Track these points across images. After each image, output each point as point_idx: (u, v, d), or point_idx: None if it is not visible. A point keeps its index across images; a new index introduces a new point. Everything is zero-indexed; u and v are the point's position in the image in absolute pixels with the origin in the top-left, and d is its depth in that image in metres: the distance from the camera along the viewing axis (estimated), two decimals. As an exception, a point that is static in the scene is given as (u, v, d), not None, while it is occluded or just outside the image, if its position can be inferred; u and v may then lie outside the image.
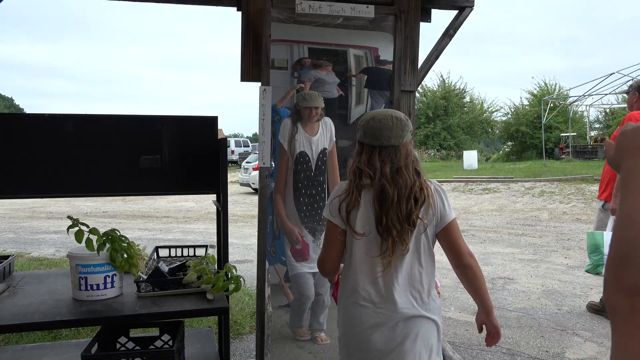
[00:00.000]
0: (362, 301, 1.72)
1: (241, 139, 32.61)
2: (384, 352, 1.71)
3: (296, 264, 2.86)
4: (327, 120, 2.87)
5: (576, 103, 26.24)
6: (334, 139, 2.87)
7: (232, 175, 19.20)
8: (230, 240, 2.50)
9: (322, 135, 2.85)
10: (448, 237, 1.76)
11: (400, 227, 1.65)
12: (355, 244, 1.73)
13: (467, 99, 33.41)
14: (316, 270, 2.66)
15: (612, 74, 21.43)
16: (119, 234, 2.07)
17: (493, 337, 1.84)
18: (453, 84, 32.77)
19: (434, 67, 2.89)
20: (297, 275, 2.89)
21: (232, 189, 16.06)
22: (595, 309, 4.43)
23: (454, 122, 31.16)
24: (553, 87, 31.12)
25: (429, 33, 2.90)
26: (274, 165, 2.72)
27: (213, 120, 2.39)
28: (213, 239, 2.80)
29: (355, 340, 1.74)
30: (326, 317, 2.91)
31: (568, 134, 25.79)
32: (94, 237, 2.00)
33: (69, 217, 2.02)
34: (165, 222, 10.26)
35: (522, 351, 3.69)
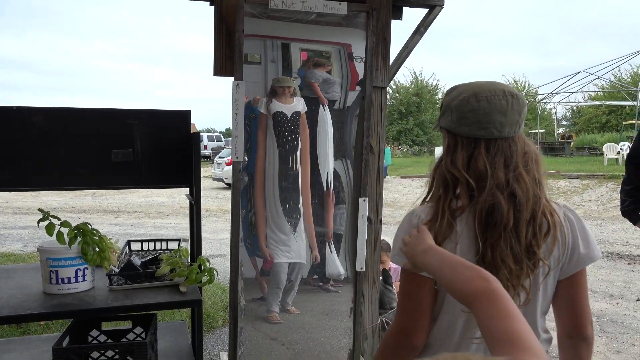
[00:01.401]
0: None
1: (214, 134, 32.33)
2: None
3: (274, 254, 2.90)
4: (301, 99, 2.91)
5: (544, 101, 26.87)
6: (305, 109, 2.92)
7: (205, 170, 19.05)
8: (203, 235, 2.51)
9: (296, 104, 2.89)
10: (573, 290, 1.18)
11: (517, 267, 1.10)
12: (446, 295, 1.16)
13: (439, 95, 33.81)
14: (293, 260, 2.69)
15: (578, 72, 22.05)
16: (90, 227, 2.07)
17: None
18: (425, 80, 33.15)
19: (406, 64, 2.95)
20: (275, 264, 2.92)
21: (204, 183, 15.94)
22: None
23: (427, 118, 31.51)
24: (522, 84, 31.78)
25: (400, 30, 2.95)
26: (246, 159, 2.74)
27: (186, 114, 2.40)
28: (186, 234, 2.81)
29: None
30: (293, 298, 2.95)
31: (537, 131, 26.40)
32: (65, 231, 1.99)
33: (40, 210, 2.01)
34: (136, 217, 10.14)
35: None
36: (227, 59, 2.57)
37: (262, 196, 2.84)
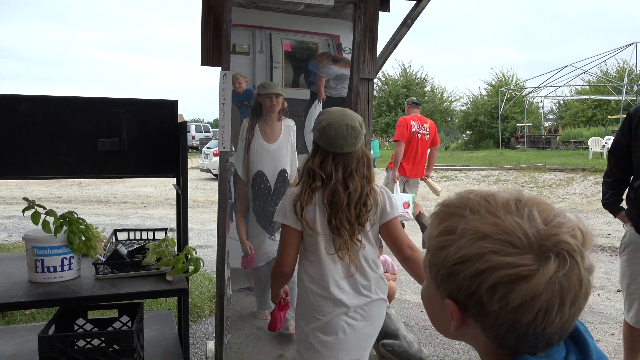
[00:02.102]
0: (327, 293, 1.85)
1: (202, 125, 32.12)
2: (350, 337, 1.87)
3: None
4: (291, 125, 2.90)
5: (532, 94, 27.06)
6: (295, 147, 2.92)
7: (193, 161, 18.95)
8: (190, 225, 2.51)
9: (283, 144, 2.87)
10: (389, 232, 1.92)
11: (350, 228, 1.82)
12: (313, 242, 1.86)
13: (428, 88, 33.88)
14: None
15: (565, 66, 22.21)
16: (76, 216, 2.07)
17: None
18: (414, 73, 33.18)
19: (396, 56, 2.98)
20: (258, 267, 2.94)
21: (192, 174, 15.87)
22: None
23: (415, 110, 31.60)
24: (510, 78, 31.94)
25: (387, 23, 2.96)
26: (234, 150, 2.74)
27: (173, 104, 2.39)
28: (173, 224, 2.81)
29: (324, 326, 1.87)
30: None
31: (524, 124, 26.61)
32: (50, 219, 1.99)
33: (25, 199, 2.00)
34: (123, 207, 10.08)
35: (472, 330, 3.87)
36: (214, 49, 2.56)
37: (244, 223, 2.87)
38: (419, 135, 6.20)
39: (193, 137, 27.11)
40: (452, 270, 0.68)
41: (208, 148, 16.56)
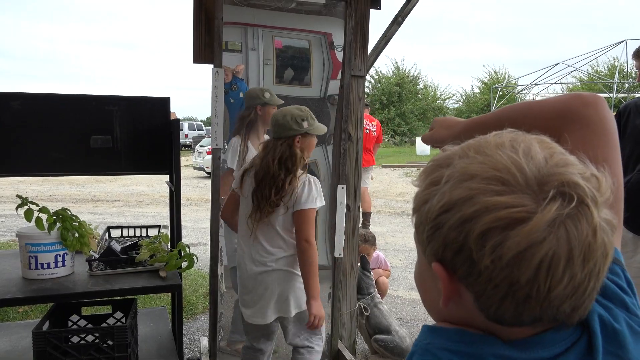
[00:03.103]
0: (240, 248, 2.28)
1: (195, 123, 32.02)
2: (254, 294, 2.22)
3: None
4: None
5: (524, 92, 27.20)
6: None
7: (186, 159, 18.91)
8: (184, 223, 2.52)
9: None
10: (294, 220, 2.15)
11: (263, 202, 2.11)
12: (242, 203, 2.27)
13: (421, 85, 33.98)
14: None
15: (557, 64, 22.35)
16: (69, 213, 2.08)
17: (313, 322, 2.18)
18: (407, 70, 33.25)
19: (388, 54, 3.01)
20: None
21: (185, 172, 15.84)
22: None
23: (408, 108, 31.66)
24: (503, 75, 32.10)
25: (379, 20, 2.99)
26: (226, 146, 2.75)
27: (165, 101, 2.41)
28: (166, 222, 2.82)
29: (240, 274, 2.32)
30: None
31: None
32: (44, 216, 2.00)
33: (18, 196, 2.01)
34: (116, 205, 10.05)
35: (464, 325, 3.90)
36: (206, 46, 2.57)
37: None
38: (367, 131, 6.93)
39: (186, 136, 27.03)
40: (435, 223, 0.55)
41: (201, 146, 16.52)
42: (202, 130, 28.94)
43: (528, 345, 0.57)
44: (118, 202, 10.50)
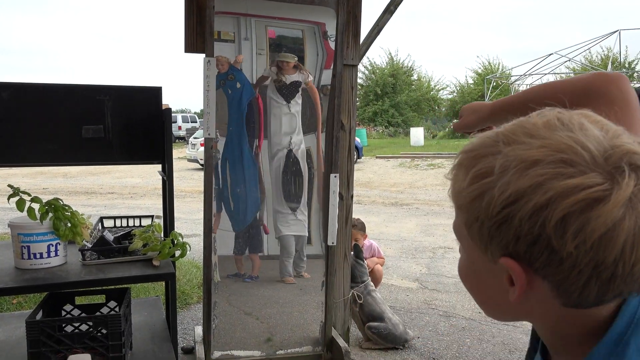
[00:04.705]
0: None
1: (188, 115, 31.90)
2: None
3: (282, 227, 2.96)
4: (305, 73, 2.96)
5: (517, 82, 27.24)
6: (310, 78, 2.95)
7: (180, 152, 18.86)
8: (178, 215, 2.53)
9: (296, 76, 2.95)
10: None
11: None
12: None
13: (415, 76, 33.96)
14: (299, 233, 2.93)
15: (550, 54, 22.41)
16: (62, 202, 2.07)
17: None
18: (401, 61, 33.20)
19: (382, 45, 3.00)
20: (282, 237, 2.98)
21: (179, 164, 15.80)
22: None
23: (402, 99, 31.65)
24: (496, 66, 32.11)
25: (371, 9, 2.99)
26: (218, 137, 2.75)
27: (157, 90, 2.40)
28: (160, 214, 2.83)
29: None
30: (305, 262, 3.00)
31: (509, 112, 26.69)
32: (36, 206, 1.99)
33: (10, 186, 2.01)
34: (109, 198, 10.03)
35: (457, 313, 3.94)
36: (198, 36, 2.57)
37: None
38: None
39: (180, 128, 26.93)
40: (502, 216, 0.52)
41: (195, 138, 16.48)
42: (196, 122, 28.83)
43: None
44: (112, 195, 10.48)
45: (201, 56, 2.57)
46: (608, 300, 0.53)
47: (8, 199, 1.99)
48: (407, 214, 8.34)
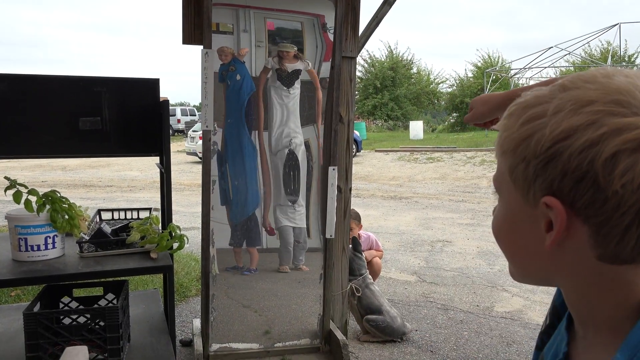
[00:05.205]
0: None
1: (187, 108, 31.81)
2: None
3: (281, 218, 2.96)
4: (305, 61, 2.96)
5: (517, 76, 27.17)
6: (309, 67, 2.93)
7: (179, 145, 18.83)
8: (177, 208, 2.52)
9: (298, 64, 2.95)
10: None
11: None
12: None
13: (414, 70, 33.83)
14: (297, 224, 2.93)
15: (550, 47, 22.32)
16: (59, 195, 2.07)
17: None
18: (401, 55, 33.09)
19: (382, 38, 2.98)
20: (281, 228, 2.99)
21: (179, 157, 15.79)
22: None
23: (401, 93, 31.56)
24: (496, 59, 32.01)
25: (370, 0, 2.97)
26: (216, 129, 2.74)
27: (155, 82, 2.38)
28: (158, 207, 2.82)
29: None
30: (304, 255, 3.00)
31: (509, 106, 26.65)
32: (33, 198, 1.99)
33: (6, 178, 2.00)
34: (108, 191, 10.03)
35: (455, 306, 3.95)
36: (195, 28, 2.55)
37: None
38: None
39: (179, 121, 26.86)
40: (550, 153, 0.51)
41: (194, 131, 16.43)
42: (195, 115, 28.76)
43: None
44: (111, 188, 10.47)
45: (200, 48, 2.56)
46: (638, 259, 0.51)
47: (5, 190, 1.99)
48: (406, 208, 8.35)
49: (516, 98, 0.97)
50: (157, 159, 2.50)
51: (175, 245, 2.12)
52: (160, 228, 2.31)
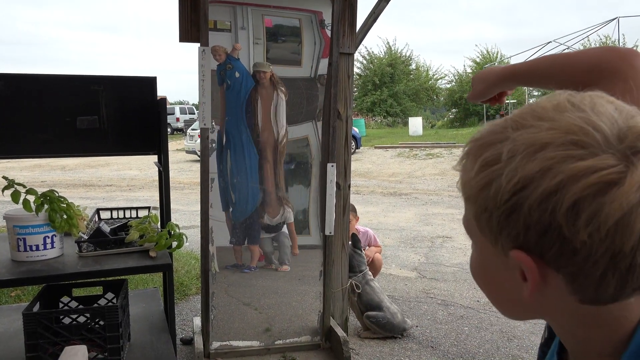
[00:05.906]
0: None
1: (186, 106, 31.78)
2: None
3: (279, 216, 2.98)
4: (281, 95, 2.92)
5: (516, 71, 27.09)
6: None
7: (178, 143, 18.82)
8: (176, 207, 2.52)
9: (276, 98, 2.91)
10: None
11: None
12: None
13: (413, 66, 33.79)
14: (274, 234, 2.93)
15: (549, 42, 22.30)
16: (57, 194, 2.06)
17: None
18: (399, 51, 33.05)
19: (380, 34, 2.97)
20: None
21: (178, 156, 15.78)
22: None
23: (400, 89, 31.53)
24: (495, 55, 31.97)
25: (367, -4, 2.96)
26: (214, 126, 2.74)
27: (152, 81, 2.38)
28: (158, 206, 2.82)
29: None
30: (288, 253, 3.00)
31: (509, 101, 26.74)
32: (31, 198, 1.98)
33: (4, 178, 1.99)
34: (108, 190, 10.02)
35: (455, 302, 3.95)
36: (192, 25, 2.54)
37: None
38: None
39: (178, 119, 26.83)
40: (510, 205, 0.48)
41: (193, 130, 16.42)
42: (194, 113, 28.72)
43: None
44: (110, 187, 10.46)
45: (197, 46, 2.55)
46: (628, 294, 0.49)
47: (2, 190, 1.98)
48: (405, 204, 8.35)
49: (512, 74, 0.94)
50: (155, 158, 2.49)
51: (175, 243, 2.11)
52: (159, 227, 2.30)
